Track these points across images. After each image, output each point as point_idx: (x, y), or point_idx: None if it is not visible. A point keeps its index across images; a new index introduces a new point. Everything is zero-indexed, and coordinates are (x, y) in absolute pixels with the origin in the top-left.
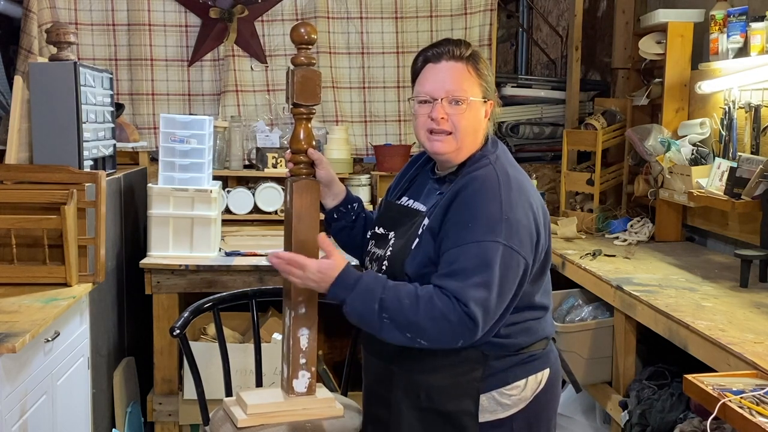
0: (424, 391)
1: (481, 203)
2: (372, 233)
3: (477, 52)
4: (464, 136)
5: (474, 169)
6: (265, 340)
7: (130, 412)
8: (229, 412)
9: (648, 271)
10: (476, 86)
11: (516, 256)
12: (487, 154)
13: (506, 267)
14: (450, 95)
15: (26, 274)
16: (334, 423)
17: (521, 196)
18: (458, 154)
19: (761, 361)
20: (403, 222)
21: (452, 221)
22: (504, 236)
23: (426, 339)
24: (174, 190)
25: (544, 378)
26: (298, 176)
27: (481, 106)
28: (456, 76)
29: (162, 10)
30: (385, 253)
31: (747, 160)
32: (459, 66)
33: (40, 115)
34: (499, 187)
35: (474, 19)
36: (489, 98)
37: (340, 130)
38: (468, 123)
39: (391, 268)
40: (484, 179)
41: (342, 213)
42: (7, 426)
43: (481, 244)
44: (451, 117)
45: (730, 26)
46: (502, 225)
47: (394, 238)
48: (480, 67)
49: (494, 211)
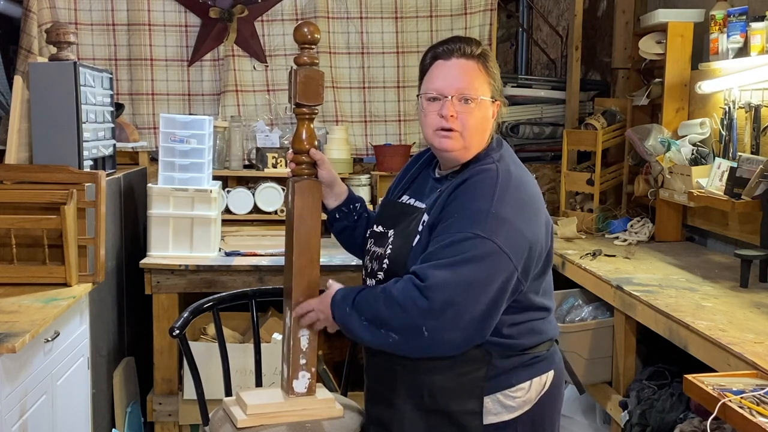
0: (428, 391)
1: (472, 198)
2: (371, 232)
3: (487, 51)
4: (472, 135)
5: (477, 168)
6: (264, 340)
7: (130, 412)
8: (229, 413)
9: (648, 271)
10: (486, 85)
11: (497, 252)
12: (491, 153)
13: (482, 258)
14: (460, 93)
15: (26, 274)
16: (334, 423)
17: (518, 195)
18: (465, 153)
19: (761, 361)
20: (403, 220)
21: (444, 215)
22: (487, 230)
23: (393, 330)
24: (174, 190)
25: (548, 380)
26: (299, 176)
27: (489, 106)
28: (467, 74)
29: (162, 10)
30: (385, 251)
31: (747, 160)
32: (470, 64)
33: (40, 115)
34: (496, 185)
35: (474, 19)
36: (497, 98)
37: (340, 130)
38: (476, 122)
39: (393, 265)
40: (484, 176)
41: (344, 213)
42: (7, 426)
43: (458, 235)
44: (460, 115)
45: (730, 26)
46: (488, 220)
47: (394, 236)
48: (489, 65)
49: (482, 206)
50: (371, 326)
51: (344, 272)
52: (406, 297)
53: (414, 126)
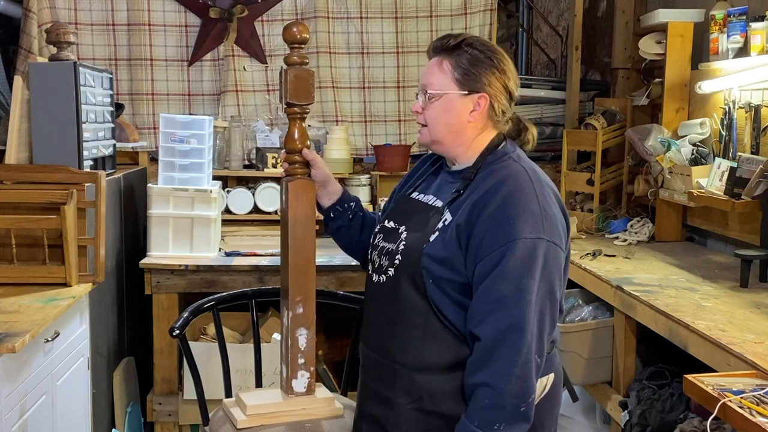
0: (428, 393)
1: (521, 200)
2: (381, 227)
3: (463, 44)
4: (436, 129)
5: (498, 167)
6: (264, 340)
7: (130, 412)
8: (229, 413)
9: (648, 271)
10: (450, 79)
11: (556, 250)
12: (508, 152)
13: (550, 264)
14: (423, 88)
15: (26, 274)
16: (333, 423)
17: (550, 191)
18: (439, 147)
19: (761, 361)
20: (417, 217)
21: (489, 219)
22: (547, 232)
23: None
24: (174, 190)
25: (548, 383)
26: (293, 176)
27: (459, 100)
28: (430, 69)
29: (162, 10)
30: (397, 247)
31: (747, 160)
32: (436, 60)
33: (40, 115)
34: (532, 183)
35: (474, 19)
36: (479, 91)
37: (340, 130)
38: (438, 116)
39: (406, 261)
40: (517, 176)
41: (339, 212)
42: (7, 426)
43: (526, 241)
44: (425, 110)
45: (730, 26)
46: (543, 220)
47: (407, 232)
48: (462, 59)
49: (534, 208)
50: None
51: (344, 272)
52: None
53: (414, 126)
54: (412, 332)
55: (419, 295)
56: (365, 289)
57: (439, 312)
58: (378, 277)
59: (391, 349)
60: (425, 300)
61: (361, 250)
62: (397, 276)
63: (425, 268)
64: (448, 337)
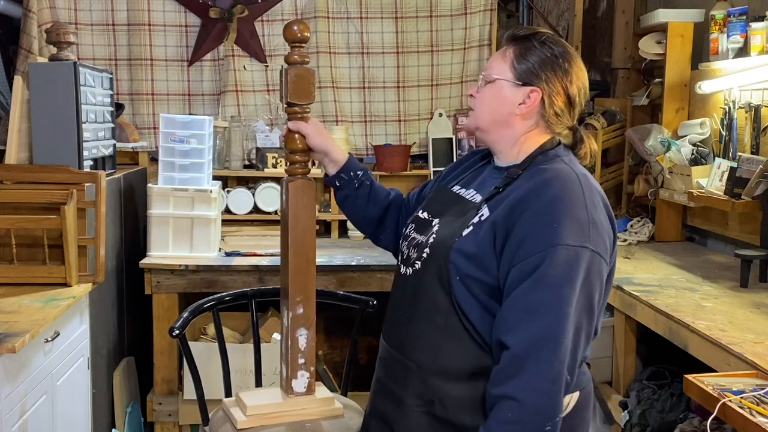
0: (440, 398)
1: (568, 204)
2: (414, 217)
3: (533, 37)
4: (481, 114)
5: (547, 167)
6: (264, 340)
7: (130, 412)
8: (229, 413)
9: (648, 271)
10: (508, 67)
11: (600, 262)
12: (560, 154)
13: (593, 276)
14: (482, 73)
15: (26, 274)
16: (333, 423)
17: (600, 199)
18: (485, 137)
19: (761, 361)
20: (452, 210)
21: (530, 220)
22: (592, 241)
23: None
24: (174, 190)
25: (572, 401)
26: (293, 176)
27: (510, 89)
28: (495, 56)
29: (162, 10)
30: (427, 240)
31: (747, 160)
32: (504, 48)
33: (40, 115)
34: (582, 188)
35: (474, 19)
36: (533, 84)
37: (340, 130)
38: (486, 101)
39: (433, 254)
40: (566, 179)
41: (344, 181)
42: (7, 426)
43: (569, 249)
44: (477, 93)
45: (730, 26)
46: (590, 228)
47: (439, 225)
48: (527, 51)
49: (580, 214)
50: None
51: (344, 272)
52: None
53: (414, 126)
54: (431, 331)
55: (443, 292)
56: (393, 281)
57: (462, 313)
58: (405, 269)
59: (407, 345)
60: (449, 298)
61: (367, 223)
62: (423, 270)
63: (453, 263)
64: (469, 341)
